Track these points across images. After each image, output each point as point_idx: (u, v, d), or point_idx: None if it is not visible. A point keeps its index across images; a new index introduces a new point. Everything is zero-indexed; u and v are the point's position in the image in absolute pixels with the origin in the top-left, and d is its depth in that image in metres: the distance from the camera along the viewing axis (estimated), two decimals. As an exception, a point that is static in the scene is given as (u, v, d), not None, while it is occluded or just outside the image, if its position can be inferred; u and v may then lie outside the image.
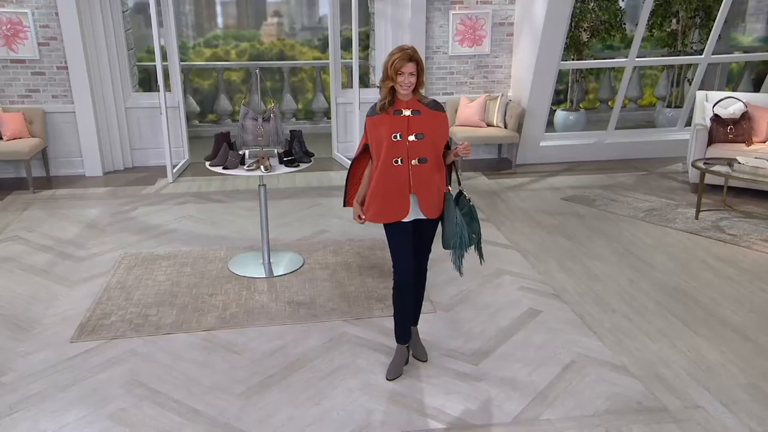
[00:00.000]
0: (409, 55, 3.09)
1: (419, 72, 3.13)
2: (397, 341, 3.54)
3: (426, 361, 3.63)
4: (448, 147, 3.32)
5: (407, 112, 3.17)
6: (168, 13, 7.33)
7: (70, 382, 3.43)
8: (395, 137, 3.16)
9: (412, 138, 3.16)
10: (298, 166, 4.60)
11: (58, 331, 3.95)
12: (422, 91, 3.23)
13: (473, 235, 3.32)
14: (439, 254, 4.55)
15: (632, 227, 5.74)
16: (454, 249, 3.29)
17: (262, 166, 4.46)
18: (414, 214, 3.27)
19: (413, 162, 3.18)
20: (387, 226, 3.32)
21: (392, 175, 3.20)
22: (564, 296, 4.42)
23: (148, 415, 3.17)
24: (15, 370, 3.55)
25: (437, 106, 3.26)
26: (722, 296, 4.42)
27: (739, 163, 5.73)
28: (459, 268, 3.35)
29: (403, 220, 3.27)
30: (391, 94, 3.18)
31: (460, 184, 3.46)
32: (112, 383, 3.42)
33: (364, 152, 3.37)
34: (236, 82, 10.06)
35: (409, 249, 3.32)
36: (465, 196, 3.34)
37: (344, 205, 3.57)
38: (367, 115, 3.27)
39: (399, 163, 3.18)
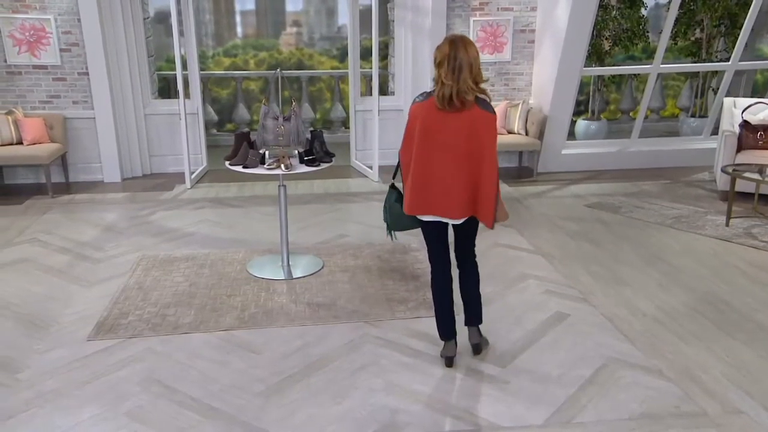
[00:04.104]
0: None
1: None
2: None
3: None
4: None
5: None
6: (189, 22, 7.35)
7: (87, 380, 3.34)
8: None
9: None
10: (318, 165, 4.53)
11: (74, 330, 3.88)
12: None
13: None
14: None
15: (659, 233, 5.58)
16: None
17: (282, 165, 4.38)
18: None
19: None
20: None
21: None
22: (592, 300, 4.28)
23: (165, 412, 3.07)
24: (30, 367, 3.47)
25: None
26: (757, 301, 4.25)
27: (771, 168, 5.57)
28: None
29: None
30: None
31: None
32: (128, 381, 3.33)
33: None
34: (255, 91, 10.06)
35: None
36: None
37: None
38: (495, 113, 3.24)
39: None
